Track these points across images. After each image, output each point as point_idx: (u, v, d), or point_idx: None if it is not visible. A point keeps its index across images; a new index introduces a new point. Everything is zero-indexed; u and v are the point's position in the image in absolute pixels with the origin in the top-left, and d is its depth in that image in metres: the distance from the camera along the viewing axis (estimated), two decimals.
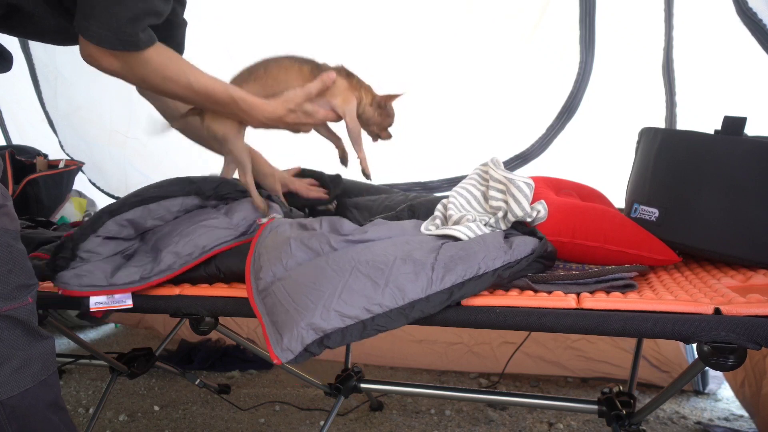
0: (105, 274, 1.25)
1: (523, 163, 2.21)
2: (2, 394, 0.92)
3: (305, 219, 1.40)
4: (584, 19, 2.05)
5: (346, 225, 1.29)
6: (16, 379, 0.94)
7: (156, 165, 2.67)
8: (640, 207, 1.30)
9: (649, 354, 2.15)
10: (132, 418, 2.11)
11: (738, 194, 1.13)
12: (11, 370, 0.94)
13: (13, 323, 0.96)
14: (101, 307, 1.23)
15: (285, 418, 2.12)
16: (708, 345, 0.88)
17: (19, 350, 0.96)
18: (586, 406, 1.52)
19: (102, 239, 1.32)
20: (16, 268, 0.98)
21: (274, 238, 1.25)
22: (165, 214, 1.39)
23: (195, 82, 1.20)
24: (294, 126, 1.33)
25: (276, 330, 1.05)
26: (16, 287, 0.97)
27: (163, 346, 1.99)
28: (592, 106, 2.11)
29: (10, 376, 0.93)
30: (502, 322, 1.02)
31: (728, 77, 1.87)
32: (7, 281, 0.95)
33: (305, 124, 1.33)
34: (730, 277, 1.13)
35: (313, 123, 1.34)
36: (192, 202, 1.42)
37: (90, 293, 1.23)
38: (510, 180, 1.31)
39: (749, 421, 1.95)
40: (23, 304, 0.98)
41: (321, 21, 2.31)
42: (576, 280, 1.10)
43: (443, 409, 2.12)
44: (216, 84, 1.23)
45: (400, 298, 1.03)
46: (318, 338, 1.02)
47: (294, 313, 1.04)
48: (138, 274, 1.26)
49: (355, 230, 1.27)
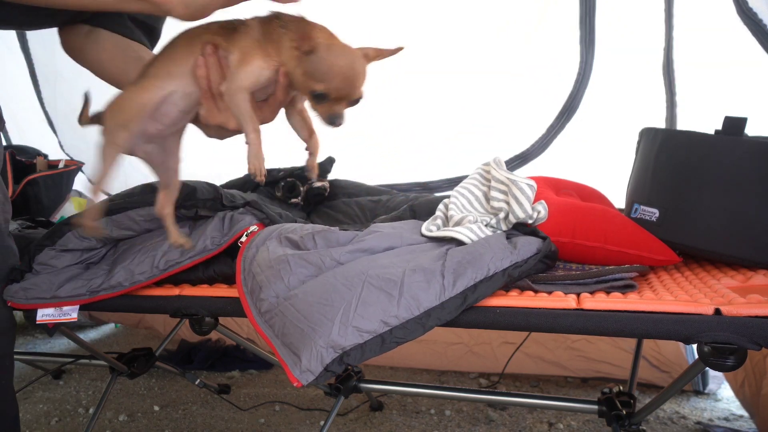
0: (51, 286, 1.26)
1: (523, 163, 2.21)
2: None
3: (290, 231, 1.27)
4: (584, 19, 2.05)
5: (341, 235, 1.24)
6: None
7: None
8: (640, 207, 1.30)
9: (649, 354, 2.15)
10: (132, 418, 2.11)
11: (738, 194, 1.13)
12: None
13: None
14: (48, 319, 1.25)
15: (285, 418, 2.12)
16: (708, 345, 0.88)
17: None
18: (586, 406, 1.52)
19: (57, 251, 1.33)
20: None
21: (266, 255, 1.19)
22: (131, 224, 1.36)
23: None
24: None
25: (291, 352, 1.00)
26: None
27: (163, 346, 1.98)
28: (592, 106, 2.11)
29: None
30: (502, 322, 1.01)
31: (728, 77, 1.87)
32: None
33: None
34: (730, 278, 1.13)
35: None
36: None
37: (36, 306, 1.25)
38: (512, 181, 1.31)
39: (749, 421, 1.95)
40: None
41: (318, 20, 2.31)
42: (576, 281, 1.10)
43: (443, 409, 2.12)
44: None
45: (415, 308, 1.00)
46: (338, 356, 0.98)
47: (309, 331, 0.99)
48: (86, 287, 1.27)
49: (354, 238, 1.23)
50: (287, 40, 0.92)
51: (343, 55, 0.92)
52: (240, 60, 0.95)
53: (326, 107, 0.94)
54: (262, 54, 0.94)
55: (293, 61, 0.93)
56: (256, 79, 0.95)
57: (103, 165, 1.02)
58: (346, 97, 0.94)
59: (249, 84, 0.94)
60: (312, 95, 0.94)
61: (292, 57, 0.92)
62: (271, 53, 0.94)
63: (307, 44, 0.90)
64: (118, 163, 1.03)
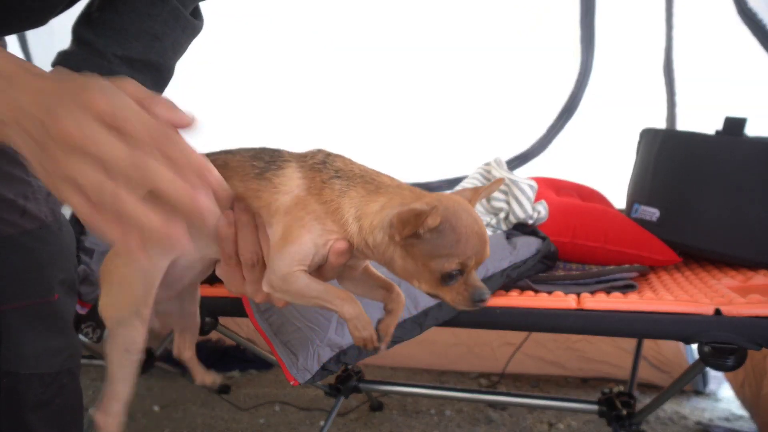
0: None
1: (523, 163, 2.20)
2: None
3: None
4: (584, 19, 2.05)
5: None
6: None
7: None
8: (640, 207, 1.30)
9: (649, 354, 2.14)
10: (132, 418, 2.11)
11: (738, 194, 1.14)
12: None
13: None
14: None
15: (285, 418, 2.12)
16: (708, 345, 0.89)
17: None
18: (586, 406, 1.52)
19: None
20: None
21: None
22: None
23: None
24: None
25: (289, 350, 1.01)
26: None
27: (163, 346, 1.99)
28: (592, 106, 2.11)
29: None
30: (503, 322, 1.02)
31: (728, 77, 1.87)
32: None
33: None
34: (731, 278, 1.13)
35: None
36: None
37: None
38: (513, 181, 1.31)
39: (749, 421, 1.95)
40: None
41: (318, 20, 2.31)
42: (576, 281, 1.10)
43: (443, 409, 2.12)
44: None
45: (412, 307, 1.01)
46: (335, 355, 0.98)
47: (307, 330, 0.99)
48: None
49: None
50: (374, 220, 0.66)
51: (465, 211, 0.66)
52: (284, 236, 0.68)
53: (460, 285, 0.66)
54: (316, 224, 0.68)
55: (391, 248, 0.66)
56: (306, 257, 0.68)
57: (111, 376, 0.78)
58: (479, 263, 0.68)
59: (298, 263, 0.68)
60: (442, 277, 0.66)
61: (389, 243, 0.66)
62: (326, 223, 0.68)
63: (431, 220, 0.62)
64: (133, 374, 0.79)
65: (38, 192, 0.89)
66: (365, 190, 0.68)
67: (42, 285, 0.89)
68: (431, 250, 0.65)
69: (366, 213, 0.67)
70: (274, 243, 0.68)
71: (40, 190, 0.90)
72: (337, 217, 0.67)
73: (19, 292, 0.87)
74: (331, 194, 0.67)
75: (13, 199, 0.85)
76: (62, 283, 0.93)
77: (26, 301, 0.88)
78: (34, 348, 0.89)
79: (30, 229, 0.87)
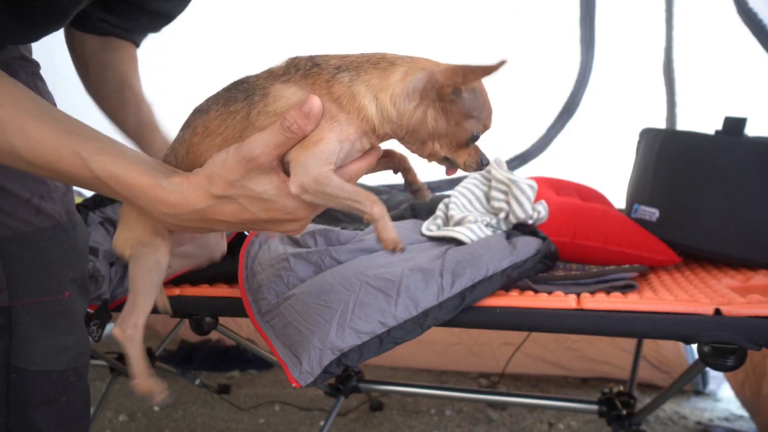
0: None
1: (522, 163, 2.20)
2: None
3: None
4: (584, 19, 2.05)
5: (342, 234, 1.24)
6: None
7: None
8: (640, 207, 1.30)
9: (649, 354, 2.15)
10: (132, 418, 2.11)
11: (738, 194, 1.14)
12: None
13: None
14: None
15: (285, 418, 2.12)
16: (708, 345, 0.89)
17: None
18: (586, 406, 1.52)
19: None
20: None
21: (266, 254, 1.19)
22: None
23: (25, 147, 0.64)
24: (242, 227, 0.72)
25: (291, 353, 1.01)
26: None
27: (163, 346, 1.99)
28: (592, 106, 2.11)
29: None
30: (503, 322, 1.02)
31: (728, 77, 1.87)
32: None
33: (268, 221, 0.70)
34: (731, 278, 1.13)
35: (288, 220, 0.70)
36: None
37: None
38: (513, 181, 1.31)
39: (749, 421, 1.95)
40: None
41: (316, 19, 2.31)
42: (576, 281, 1.10)
43: (443, 409, 2.12)
44: (65, 151, 0.65)
45: (413, 308, 1.01)
46: (336, 358, 0.99)
47: (308, 333, 1.00)
48: (109, 292, 1.26)
49: (354, 237, 1.23)
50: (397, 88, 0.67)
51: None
52: (305, 142, 0.66)
53: (472, 149, 0.73)
54: (332, 123, 0.67)
55: (420, 111, 0.68)
56: (333, 154, 0.67)
57: (135, 291, 0.79)
58: (486, 130, 0.74)
59: (326, 162, 0.67)
60: (469, 139, 0.71)
61: (417, 106, 0.68)
62: (341, 117, 0.67)
63: (465, 79, 0.67)
64: (154, 289, 0.80)
65: (54, 192, 0.90)
66: (377, 69, 0.68)
67: (53, 283, 0.91)
68: (467, 111, 0.70)
69: (384, 87, 0.67)
70: (296, 148, 0.67)
71: (56, 190, 0.91)
72: (353, 106, 0.67)
73: (30, 289, 0.88)
74: (341, 89, 0.67)
75: (29, 197, 0.87)
76: (73, 282, 0.94)
77: (36, 299, 0.89)
78: (43, 345, 0.90)
79: (44, 227, 0.88)
